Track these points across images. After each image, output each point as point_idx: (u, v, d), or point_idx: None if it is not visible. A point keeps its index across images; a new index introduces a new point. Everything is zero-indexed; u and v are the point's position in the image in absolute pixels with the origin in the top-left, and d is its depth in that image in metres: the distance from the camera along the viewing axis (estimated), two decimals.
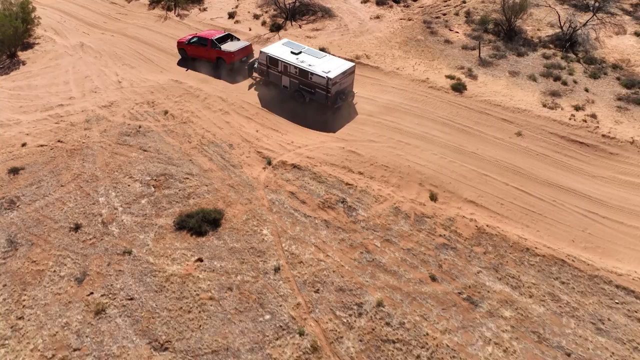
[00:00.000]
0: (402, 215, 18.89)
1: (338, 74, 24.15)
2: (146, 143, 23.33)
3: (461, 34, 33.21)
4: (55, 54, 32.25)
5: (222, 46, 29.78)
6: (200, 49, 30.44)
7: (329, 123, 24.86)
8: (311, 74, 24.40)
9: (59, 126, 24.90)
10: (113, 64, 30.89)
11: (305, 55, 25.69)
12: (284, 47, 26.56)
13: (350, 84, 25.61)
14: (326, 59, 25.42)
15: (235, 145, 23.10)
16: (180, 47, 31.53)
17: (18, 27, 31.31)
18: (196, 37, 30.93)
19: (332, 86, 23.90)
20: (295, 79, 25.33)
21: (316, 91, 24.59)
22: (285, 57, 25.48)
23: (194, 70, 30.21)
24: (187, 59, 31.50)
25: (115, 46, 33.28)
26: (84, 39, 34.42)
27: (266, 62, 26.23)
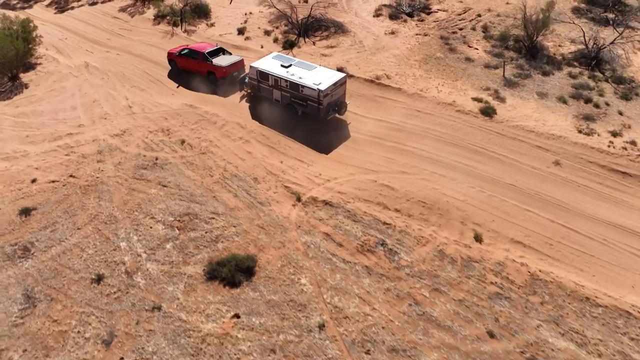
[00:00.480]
0: (448, 259, 17.62)
1: (329, 85, 23.83)
2: (165, 177, 21.85)
3: (481, 51, 32.02)
4: (60, 76, 30.59)
5: (214, 60, 28.89)
6: (191, 62, 29.48)
7: (356, 152, 23.53)
8: (302, 86, 24.10)
9: (69, 158, 23.33)
10: (121, 86, 29.30)
11: (295, 68, 25.30)
12: (274, 61, 26.16)
13: (343, 95, 25.28)
14: (317, 71, 25.09)
15: (260, 179, 21.69)
16: (170, 59, 30.43)
17: (20, 49, 29.57)
18: (187, 49, 29.82)
19: (323, 98, 23.64)
20: (286, 92, 24.99)
21: (308, 104, 24.30)
22: (275, 71, 25.14)
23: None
24: (177, 71, 30.34)
25: (122, 66, 31.67)
26: (88, 58, 32.76)
27: (257, 76, 25.88)
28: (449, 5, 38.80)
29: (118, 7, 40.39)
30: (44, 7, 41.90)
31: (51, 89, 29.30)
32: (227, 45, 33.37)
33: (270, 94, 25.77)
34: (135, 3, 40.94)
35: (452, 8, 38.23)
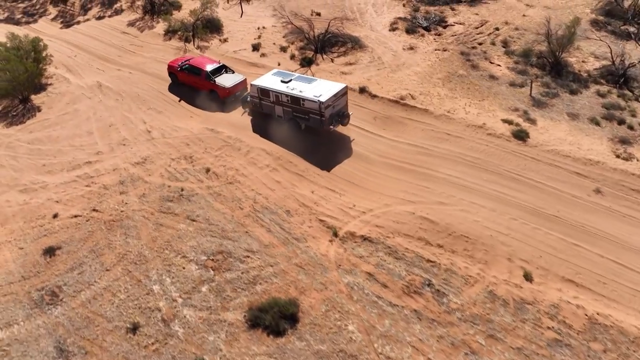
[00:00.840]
0: (500, 301, 16.79)
1: (330, 96, 23.78)
2: (193, 211, 20.86)
3: (504, 67, 31.25)
4: (72, 97, 29.46)
5: (217, 79, 28.31)
6: (193, 78, 28.95)
7: (388, 180, 22.67)
8: (303, 99, 24.04)
9: (90, 190, 22.28)
10: (137, 108, 28.24)
11: (295, 83, 25.27)
12: (274, 77, 26.09)
13: (345, 106, 25.23)
14: (316, 84, 25.03)
15: (293, 212, 20.75)
16: (171, 72, 29.82)
17: (33, 71, 28.41)
18: (188, 63, 29.15)
19: (325, 109, 23.55)
20: (288, 107, 24.93)
21: (310, 117, 24.23)
22: (275, 87, 25.06)
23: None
24: (177, 84, 29.86)
25: (136, 86, 30.58)
26: (100, 77, 31.64)
27: (258, 94, 25.71)
28: (465, 18, 38.00)
29: (126, 21, 39.22)
30: (49, 21, 40.66)
31: (64, 111, 28.17)
32: (243, 63, 32.41)
33: (272, 110, 25.65)
34: (143, 17, 39.82)
35: (468, 21, 37.43)
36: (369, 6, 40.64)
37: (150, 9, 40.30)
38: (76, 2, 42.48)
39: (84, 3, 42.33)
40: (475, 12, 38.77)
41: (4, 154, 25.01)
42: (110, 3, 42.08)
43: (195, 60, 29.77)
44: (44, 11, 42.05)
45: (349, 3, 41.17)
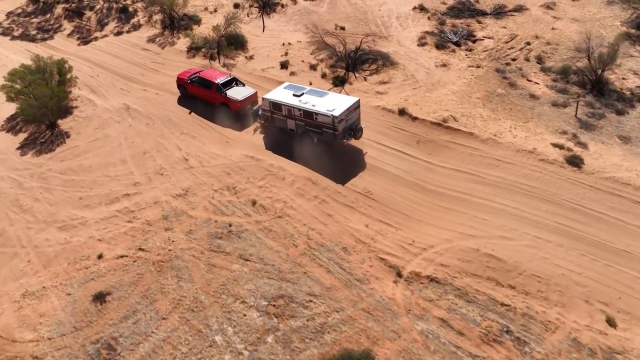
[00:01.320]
0: (586, 350, 15.84)
1: (343, 110, 23.61)
2: (245, 249, 19.76)
3: (542, 86, 30.36)
4: (100, 121, 28.19)
5: (228, 92, 27.99)
6: (203, 91, 28.61)
7: (443, 211, 21.69)
8: (316, 114, 23.86)
9: (133, 226, 21.10)
10: (170, 133, 27.04)
11: (307, 96, 25.07)
12: (286, 91, 25.90)
13: (357, 119, 25.01)
14: (329, 97, 24.92)
15: (350, 249, 19.70)
16: (180, 84, 29.56)
17: (62, 97, 27.15)
18: (198, 76, 28.84)
19: (338, 123, 23.37)
20: (300, 121, 24.78)
21: (323, 130, 24.08)
22: (288, 101, 24.89)
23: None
24: (186, 97, 29.53)
25: (165, 108, 29.39)
26: (126, 98, 30.39)
27: (270, 107, 25.54)
28: (493, 31, 37.11)
29: (146, 37, 37.95)
30: (65, 37, 39.30)
31: (94, 138, 26.91)
32: (272, 82, 31.30)
33: (285, 124, 25.46)
34: (163, 32, 38.56)
35: (497, 35, 36.53)
36: (392, 19, 39.66)
37: (169, 23, 39.04)
38: (92, 17, 41.12)
39: (100, 18, 40.99)
40: (503, 25, 37.87)
41: (37, 186, 23.75)
42: (127, 18, 40.77)
43: (206, 73, 29.28)
44: (58, 26, 40.69)
45: (372, 16, 40.18)
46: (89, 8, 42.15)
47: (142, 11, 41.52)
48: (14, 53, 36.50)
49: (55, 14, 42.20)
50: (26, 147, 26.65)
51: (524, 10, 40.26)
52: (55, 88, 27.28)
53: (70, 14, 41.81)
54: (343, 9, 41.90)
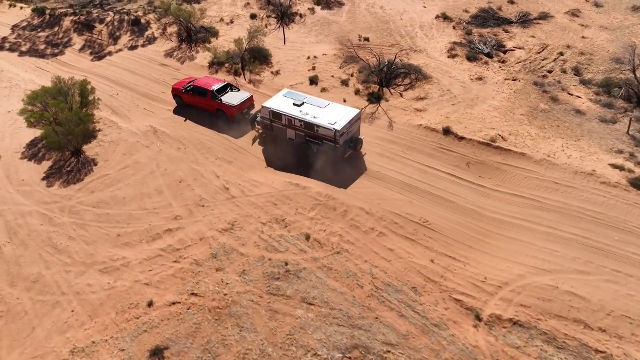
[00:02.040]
0: None
1: (345, 124, 23.30)
2: (307, 292, 18.19)
3: (586, 100, 29.14)
4: (128, 146, 26.35)
5: (223, 98, 27.76)
6: (199, 99, 28.30)
7: (509, 242, 20.32)
8: (317, 126, 23.51)
9: (181, 267, 19.40)
10: (204, 158, 25.33)
11: (308, 106, 24.63)
12: (286, 99, 25.38)
13: (357, 131, 24.73)
14: (330, 108, 24.45)
15: (420, 289, 18.23)
16: (176, 94, 29.18)
17: (88, 122, 25.30)
18: (193, 85, 28.52)
19: (340, 137, 23.09)
20: (301, 132, 24.38)
21: (324, 142, 23.72)
22: (288, 111, 24.46)
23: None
24: (183, 107, 29.17)
25: (195, 130, 27.66)
26: (151, 120, 28.57)
27: (269, 116, 25.09)
28: (523, 41, 35.86)
29: (163, 51, 36.05)
30: (76, 52, 37.21)
31: (124, 165, 25.08)
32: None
33: (284, 134, 25.06)
34: (180, 46, 36.68)
35: (527, 45, 35.31)
36: (416, 29, 38.26)
37: (186, 37, 37.16)
38: (103, 30, 39.06)
39: (112, 31, 38.96)
40: (531, 34, 36.66)
41: (70, 222, 21.91)
42: (140, 31, 38.80)
43: (200, 81, 28.86)
44: (68, 41, 38.59)
45: (395, 26, 38.76)
46: (99, 21, 40.06)
47: (156, 23, 39.58)
48: (25, 71, 34.41)
49: (64, 27, 40.07)
50: (52, 177, 24.74)
51: (549, 18, 39.10)
52: (82, 113, 25.39)
53: (79, 27, 39.71)
54: (363, 18, 40.41)
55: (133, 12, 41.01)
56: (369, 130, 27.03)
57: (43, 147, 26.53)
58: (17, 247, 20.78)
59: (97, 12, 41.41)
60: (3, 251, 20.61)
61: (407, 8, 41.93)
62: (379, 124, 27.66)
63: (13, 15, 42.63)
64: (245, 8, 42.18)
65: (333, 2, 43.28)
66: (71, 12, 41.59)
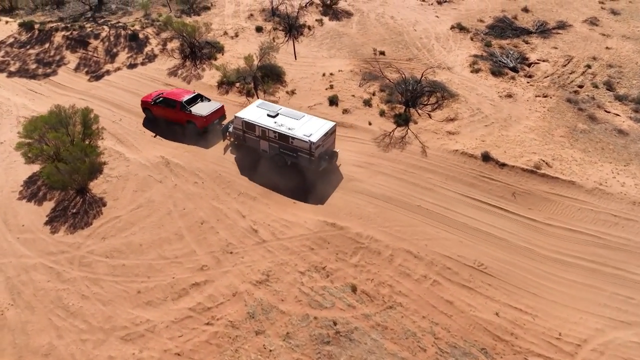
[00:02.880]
0: None
1: (320, 136, 22.63)
2: (363, 358, 15.76)
3: (624, 117, 27.32)
4: (138, 182, 23.59)
5: (193, 109, 26.70)
6: (168, 111, 27.17)
7: (574, 287, 18.21)
8: (292, 138, 22.80)
9: (215, 331, 16.87)
10: (225, 194, 22.76)
11: (283, 118, 23.87)
12: (260, 110, 24.52)
13: (333, 144, 24.00)
14: (305, 120, 23.76)
15: (490, 350, 16.00)
16: (145, 107, 27.95)
17: (94, 156, 22.53)
18: (163, 96, 27.38)
19: (315, 149, 22.35)
20: (275, 143, 23.58)
21: (299, 155, 22.99)
22: (262, 122, 23.64)
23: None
24: (152, 120, 27.90)
25: (212, 161, 25.09)
26: (161, 149, 25.87)
27: (242, 127, 24.16)
28: (545, 53, 33.93)
29: (166, 69, 33.23)
30: (71, 72, 34.13)
31: (136, 204, 22.35)
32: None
33: (257, 145, 24.22)
34: (184, 63, 33.90)
35: (551, 57, 33.40)
36: (432, 41, 36.09)
37: (189, 53, 34.38)
38: (99, 47, 36.04)
39: (108, 47, 35.96)
40: (553, 45, 34.78)
41: (81, 277, 19.15)
42: (139, 46, 35.90)
43: (170, 93, 27.83)
44: (61, 59, 35.46)
45: (409, 38, 36.55)
46: (94, 36, 36.98)
47: (155, 38, 36.68)
48: (16, 94, 31.29)
49: (55, 44, 36.90)
50: (56, 220, 21.88)
51: (567, 27, 37.30)
52: (86, 146, 22.55)
53: (72, 43, 36.58)
54: (374, 29, 38.10)
55: (129, 26, 38.02)
56: (401, 157, 24.76)
57: (43, 184, 23.60)
58: (22, 310, 17.96)
59: (91, 26, 38.33)
60: (6, 316, 17.77)
61: (418, 18, 39.75)
62: (410, 150, 25.35)
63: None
64: (249, 20, 39.52)
65: (341, 13, 40.93)
66: (62, 27, 38.43)
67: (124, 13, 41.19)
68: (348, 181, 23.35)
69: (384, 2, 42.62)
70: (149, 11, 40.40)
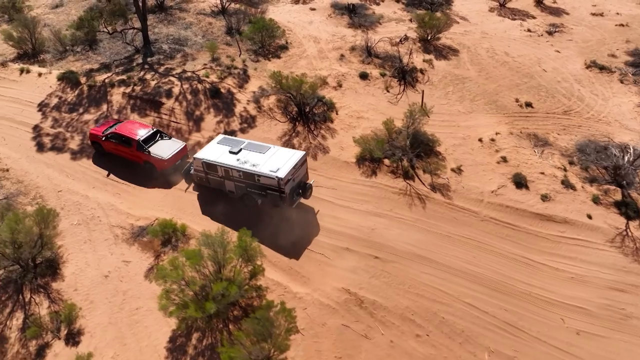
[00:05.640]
0: None
1: (289, 169, 19.79)
2: None
3: None
4: (333, 338, 16.03)
5: (152, 149, 22.94)
6: (123, 149, 23.41)
7: None
8: (258, 175, 19.98)
9: None
10: (470, 356, 15.30)
11: (246, 153, 20.95)
12: (221, 147, 21.55)
13: (305, 175, 21.14)
14: (271, 153, 20.86)
15: None
16: (94, 141, 24.09)
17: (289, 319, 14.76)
18: (114, 131, 23.40)
19: (284, 185, 19.53)
20: (240, 183, 20.67)
21: (268, 193, 20.11)
22: (223, 161, 20.68)
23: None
24: (103, 154, 24.09)
25: (425, 296, 17.45)
26: (330, 272, 18.16)
27: (203, 168, 21.17)
28: None
29: (276, 138, 25.31)
30: None
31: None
32: (521, 214, 20.32)
33: (222, 185, 21.23)
34: (295, 128, 26.10)
35: None
36: (573, 84, 29.94)
37: (298, 115, 26.58)
38: (175, 107, 27.63)
39: (187, 108, 27.68)
40: None
41: None
42: (226, 105, 27.92)
43: (123, 127, 23.78)
44: None
45: (544, 81, 30.43)
46: (165, 94, 28.45)
47: (240, 91, 28.55)
48: (92, 187, 22.69)
49: (116, 105, 28.23)
50: None
51: None
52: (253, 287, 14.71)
53: (139, 103, 27.96)
54: (496, 70, 31.27)
55: (203, 76, 29.63)
56: None
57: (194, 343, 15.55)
58: None
59: (153, 78, 29.67)
60: None
61: (536, 53, 33.19)
62: None
63: (30, 85, 30.08)
64: (342, 62, 31.94)
65: (443, 48, 33.82)
66: (117, 80, 29.57)
67: (183, 57, 32.62)
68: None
69: (484, 33, 35.79)
70: (216, 54, 31.99)
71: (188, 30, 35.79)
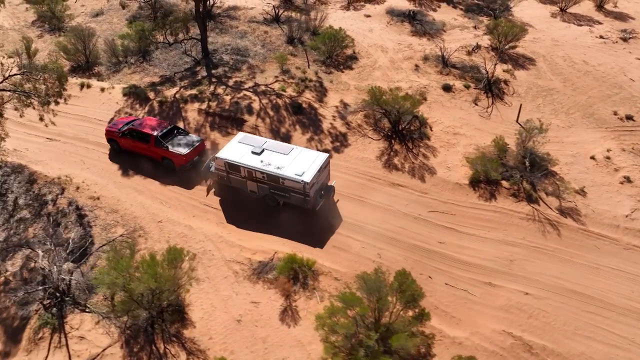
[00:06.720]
0: None
1: (314, 173, 19.36)
2: None
3: None
4: None
5: (170, 145, 22.37)
6: (140, 145, 22.81)
7: None
8: (282, 178, 19.49)
9: None
10: None
11: (270, 155, 20.40)
12: (242, 147, 20.90)
13: (328, 178, 20.92)
14: (294, 154, 20.35)
15: None
16: (110, 138, 23.48)
17: None
18: (131, 127, 22.84)
19: (310, 189, 19.18)
20: (263, 184, 20.22)
21: (292, 195, 19.77)
22: (247, 162, 20.09)
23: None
24: (119, 152, 23.50)
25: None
26: (482, 320, 16.37)
27: (225, 168, 20.58)
28: None
29: (374, 158, 23.48)
30: None
31: None
32: None
33: (244, 186, 20.76)
34: (391, 146, 24.23)
35: None
36: None
37: (393, 132, 24.78)
38: (259, 124, 25.64)
39: (272, 126, 25.68)
40: None
41: None
42: (312, 122, 25.91)
43: (140, 123, 23.21)
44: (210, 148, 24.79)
45: (636, 91, 28.37)
46: (246, 110, 26.44)
47: (322, 107, 26.68)
48: (192, 215, 20.60)
49: (193, 122, 26.13)
50: None
51: None
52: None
53: (219, 120, 25.96)
54: (580, 80, 29.78)
55: (280, 90, 27.68)
56: None
57: None
58: None
59: (227, 93, 27.67)
60: None
61: (617, 61, 31.72)
62: None
63: (94, 100, 27.88)
64: (418, 73, 30.14)
65: (518, 57, 32.18)
66: (190, 95, 27.53)
67: (249, 68, 30.62)
68: None
69: (555, 41, 34.22)
70: (285, 66, 30.04)
71: (245, 40, 33.78)
